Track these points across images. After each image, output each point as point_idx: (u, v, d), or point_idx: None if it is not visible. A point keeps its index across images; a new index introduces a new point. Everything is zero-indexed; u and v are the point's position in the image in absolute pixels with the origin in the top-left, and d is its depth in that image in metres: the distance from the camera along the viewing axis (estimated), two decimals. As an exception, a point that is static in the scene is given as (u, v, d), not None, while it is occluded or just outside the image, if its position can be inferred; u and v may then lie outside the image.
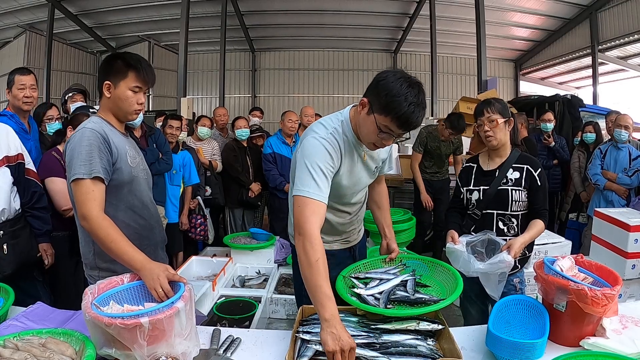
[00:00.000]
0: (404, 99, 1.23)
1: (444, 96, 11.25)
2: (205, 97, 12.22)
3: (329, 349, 1.09)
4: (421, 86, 1.29)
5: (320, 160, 1.32)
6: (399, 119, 1.25)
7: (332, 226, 1.58)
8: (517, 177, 1.83)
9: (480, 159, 1.96)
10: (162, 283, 1.23)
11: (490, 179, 1.87)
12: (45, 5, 8.53)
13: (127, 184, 1.48)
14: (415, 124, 1.28)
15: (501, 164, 1.87)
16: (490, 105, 1.83)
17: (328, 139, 1.37)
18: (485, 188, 1.86)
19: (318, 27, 10.27)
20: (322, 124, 1.43)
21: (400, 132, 1.30)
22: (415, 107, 1.24)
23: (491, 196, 1.84)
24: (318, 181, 1.30)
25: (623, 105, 9.91)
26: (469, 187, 1.93)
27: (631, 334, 1.29)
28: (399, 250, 1.66)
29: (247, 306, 2.68)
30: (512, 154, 1.87)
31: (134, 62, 1.45)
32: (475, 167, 1.94)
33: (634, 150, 3.68)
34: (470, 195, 1.91)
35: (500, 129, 1.81)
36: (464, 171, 1.99)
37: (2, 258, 1.86)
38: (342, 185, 1.45)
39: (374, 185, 1.74)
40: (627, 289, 2.60)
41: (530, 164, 1.84)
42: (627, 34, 8.24)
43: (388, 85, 1.25)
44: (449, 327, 1.30)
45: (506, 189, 1.82)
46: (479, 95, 6.20)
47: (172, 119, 3.65)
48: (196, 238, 3.86)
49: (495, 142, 1.83)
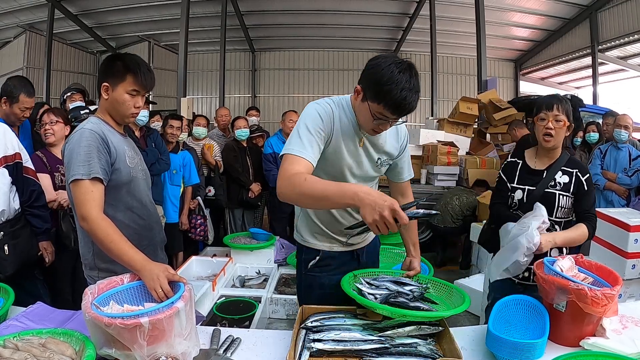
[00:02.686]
0: (395, 86, 1.21)
1: (444, 96, 11.25)
2: (205, 97, 12.22)
3: (369, 221, 1.05)
4: (413, 69, 1.26)
5: (309, 121, 1.33)
6: (392, 106, 1.24)
7: (333, 216, 1.51)
8: (565, 182, 1.70)
9: (527, 156, 1.83)
10: (162, 283, 1.22)
11: (537, 179, 1.74)
12: (45, 5, 8.53)
13: (126, 185, 1.48)
14: (409, 109, 1.26)
15: (550, 165, 1.74)
16: (562, 103, 1.69)
17: (321, 104, 1.38)
18: (531, 189, 1.73)
19: (318, 27, 10.27)
20: (323, 99, 1.45)
21: (395, 117, 1.29)
22: (407, 93, 1.22)
23: (536, 198, 1.70)
24: (303, 139, 1.29)
25: (623, 105, 9.95)
26: (512, 183, 1.80)
27: (631, 334, 1.29)
28: (419, 270, 1.59)
29: (247, 306, 2.68)
30: (562, 156, 1.75)
31: (133, 65, 1.44)
32: (521, 164, 1.81)
33: (634, 150, 3.68)
34: (513, 194, 1.78)
35: (563, 131, 1.69)
36: (508, 166, 1.85)
37: (4, 259, 1.86)
38: (335, 159, 1.40)
39: (398, 198, 1.65)
40: (627, 289, 2.60)
41: (580, 169, 1.72)
42: (627, 34, 8.24)
43: (379, 72, 1.24)
44: (449, 327, 1.30)
45: (553, 193, 1.70)
46: (479, 95, 6.20)
47: (173, 119, 3.65)
48: (196, 238, 3.86)
49: (552, 143, 1.70)
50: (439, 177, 4.85)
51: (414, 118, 11.61)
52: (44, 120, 2.48)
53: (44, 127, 2.46)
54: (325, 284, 1.54)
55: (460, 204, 4.27)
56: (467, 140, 5.66)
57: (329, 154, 1.39)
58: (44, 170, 2.37)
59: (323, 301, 1.46)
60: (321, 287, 1.55)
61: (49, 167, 2.40)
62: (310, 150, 1.28)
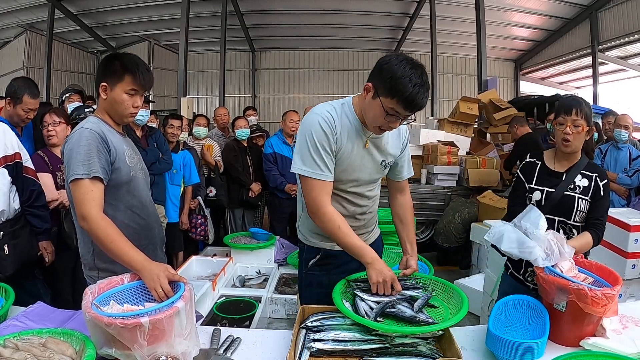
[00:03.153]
0: (409, 80, 1.24)
1: (444, 96, 11.25)
2: (205, 97, 12.23)
3: (373, 281, 1.34)
4: (424, 68, 1.30)
5: (317, 138, 1.37)
6: (405, 100, 1.27)
7: None
8: (585, 185, 1.67)
9: (545, 157, 1.79)
10: (162, 283, 1.22)
11: (557, 181, 1.70)
12: (45, 5, 8.54)
13: (126, 184, 1.48)
14: (421, 104, 1.29)
15: (569, 167, 1.71)
16: (580, 107, 1.64)
17: (323, 115, 1.39)
18: (550, 190, 1.70)
19: (318, 27, 10.28)
20: (323, 104, 1.46)
21: (407, 114, 1.32)
22: (420, 88, 1.26)
23: (555, 200, 1.67)
24: (317, 160, 1.37)
25: (623, 105, 9.94)
26: (530, 184, 1.76)
27: (631, 334, 1.29)
28: (417, 269, 1.58)
29: (247, 306, 2.68)
30: (582, 159, 1.72)
31: (131, 65, 1.44)
32: (540, 164, 1.77)
33: (634, 150, 3.68)
34: (531, 194, 1.75)
35: (582, 136, 1.66)
36: (527, 166, 1.80)
37: (4, 259, 1.86)
38: (338, 165, 1.44)
39: (396, 195, 1.69)
40: (627, 289, 2.60)
41: (599, 174, 1.69)
42: (627, 34, 8.24)
43: (392, 68, 1.27)
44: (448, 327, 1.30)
45: (572, 196, 1.66)
46: (479, 95, 6.20)
47: (173, 119, 3.65)
48: (196, 238, 3.86)
49: (570, 148, 1.66)
50: (439, 177, 4.85)
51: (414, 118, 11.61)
52: (46, 120, 2.47)
53: (46, 128, 2.46)
54: (324, 282, 1.53)
55: (462, 220, 4.30)
56: (467, 140, 5.65)
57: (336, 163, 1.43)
58: (46, 170, 2.37)
59: (322, 300, 1.45)
60: (319, 286, 1.55)
61: (50, 167, 2.40)
62: (328, 171, 1.40)
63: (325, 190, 1.40)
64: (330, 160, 1.40)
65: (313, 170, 1.37)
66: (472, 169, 4.75)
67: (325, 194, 1.39)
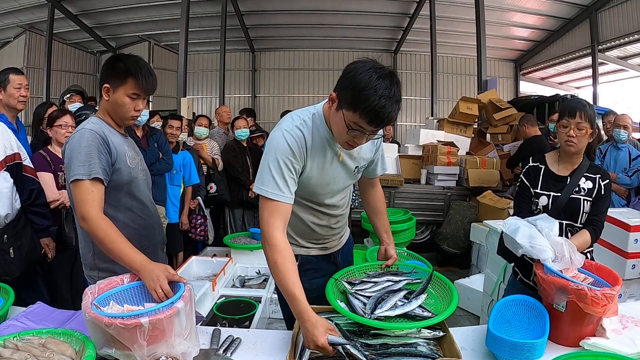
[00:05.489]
0: (373, 92, 1.11)
1: (444, 96, 11.24)
2: (205, 97, 12.22)
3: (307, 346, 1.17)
4: (395, 77, 1.16)
5: (280, 155, 1.26)
6: (368, 114, 1.13)
7: (310, 228, 1.49)
8: (589, 187, 1.67)
9: (548, 160, 1.78)
10: (162, 284, 1.22)
11: (562, 185, 1.70)
12: (45, 5, 8.53)
13: (127, 185, 1.48)
14: (388, 119, 1.16)
15: (573, 171, 1.71)
16: (584, 109, 1.63)
17: (290, 130, 1.28)
18: (556, 195, 1.69)
19: (318, 27, 10.27)
20: (292, 116, 1.35)
21: (372, 129, 1.19)
22: (386, 101, 1.12)
23: (562, 204, 1.67)
24: (277, 179, 1.25)
25: (623, 105, 9.94)
26: (535, 189, 1.74)
27: (631, 334, 1.29)
28: (397, 257, 1.58)
29: (247, 306, 2.68)
30: (584, 162, 1.72)
31: (134, 68, 1.43)
32: (544, 169, 1.76)
33: (633, 150, 3.68)
34: (537, 199, 1.73)
35: (585, 138, 1.65)
36: (531, 170, 1.79)
37: (11, 262, 1.87)
38: (310, 183, 1.36)
39: (368, 189, 1.66)
40: (627, 289, 2.60)
41: (601, 175, 1.70)
42: (627, 34, 8.24)
43: (356, 78, 1.13)
44: (448, 326, 1.30)
45: (578, 199, 1.66)
46: (479, 95, 6.20)
47: (173, 119, 3.65)
48: (196, 238, 3.86)
49: (575, 149, 1.66)
50: (439, 177, 4.85)
51: (414, 118, 11.63)
52: (65, 122, 2.44)
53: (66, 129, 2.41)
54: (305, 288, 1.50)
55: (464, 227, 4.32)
56: (467, 140, 5.65)
57: (303, 179, 1.34)
58: (48, 169, 2.37)
59: None
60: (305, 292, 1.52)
61: (52, 167, 2.41)
62: (287, 190, 1.27)
63: (279, 213, 1.25)
64: (293, 181, 1.28)
65: (271, 190, 1.26)
66: (472, 169, 4.75)
67: (278, 216, 1.25)
